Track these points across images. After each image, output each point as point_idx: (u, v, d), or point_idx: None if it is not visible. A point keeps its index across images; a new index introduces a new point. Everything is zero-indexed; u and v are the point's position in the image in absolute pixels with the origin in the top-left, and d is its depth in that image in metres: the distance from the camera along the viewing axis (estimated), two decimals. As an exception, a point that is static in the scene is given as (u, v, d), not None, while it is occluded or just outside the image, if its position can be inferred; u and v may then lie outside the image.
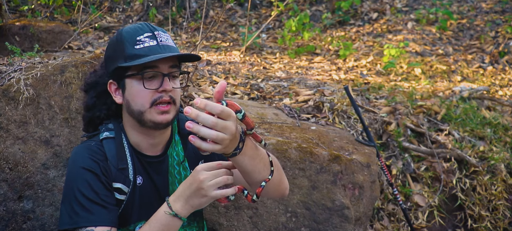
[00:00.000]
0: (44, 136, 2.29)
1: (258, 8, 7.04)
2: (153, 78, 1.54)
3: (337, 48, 5.40)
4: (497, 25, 6.06)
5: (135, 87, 1.55)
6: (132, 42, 1.53)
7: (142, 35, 1.54)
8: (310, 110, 3.21)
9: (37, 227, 2.26)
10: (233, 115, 1.22)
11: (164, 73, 1.53)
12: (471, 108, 3.77)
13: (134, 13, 6.34)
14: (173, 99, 1.56)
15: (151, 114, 1.54)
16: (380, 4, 6.94)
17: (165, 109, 1.54)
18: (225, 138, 1.21)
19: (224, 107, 1.20)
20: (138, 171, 1.64)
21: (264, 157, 1.48)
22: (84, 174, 1.52)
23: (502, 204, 3.20)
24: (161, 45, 1.53)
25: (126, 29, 1.57)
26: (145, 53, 1.51)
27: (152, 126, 1.57)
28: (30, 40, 3.63)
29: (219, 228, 2.38)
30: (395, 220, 3.09)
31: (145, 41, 1.53)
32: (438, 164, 3.26)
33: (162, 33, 1.57)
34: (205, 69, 3.96)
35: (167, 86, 1.53)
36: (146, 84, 1.53)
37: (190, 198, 1.45)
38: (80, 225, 1.48)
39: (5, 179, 2.22)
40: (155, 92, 1.53)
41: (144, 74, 1.52)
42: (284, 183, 1.67)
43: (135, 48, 1.52)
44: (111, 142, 1.62)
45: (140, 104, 1.55)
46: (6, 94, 2.26)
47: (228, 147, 1.27)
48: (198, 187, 1.42)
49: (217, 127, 1.20)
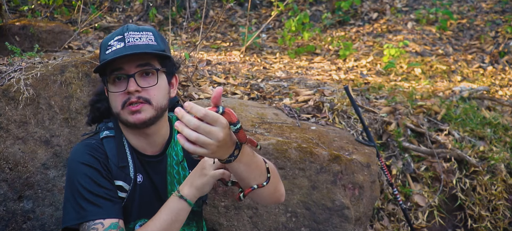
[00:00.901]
0: (44, 136, 2.29)
1: (258, 8, 7.04)
2: (122, 80, 1.55)
3: (337, 48, 5.40)
4: (497, 25, 6.06)
5: (109, 91, 1.60)
6: (105, 48, 1.57)
7: (113, 39, 1.56)
8: (310, 110, 3.21)
9: (37, 227, 2.26)
10: (222, 122, 1.18)
11: (128, 75, 1.54)
12: (471, 108, 3.77)
13: (134, 13, 6.34)
14: (144, 99, 1.55)
15: (125, 115, 1.56)
16: (380, 4, 6.94)
17: (135, 109, 1.54)
18: (209, 142, 1.17)
19: (208, 112, 1.16)
20: (139, 169, 1.64)
21: (261, 164, 1.47)
22: (85, 169, 1.53)
23: (502, 204, 3.20)
24: (127, 46, 1.53)
25: (107, 35, 1.62)
26: (110, 57, 1.52)
27: (130, 126, 1.59)
28: (30, 40, 3.63)
29: (219, 228, 2.38)
30: (395, 220, 3.09)
31: (113, 45, 1.55)
32: (438, 164, 3.25)
33: (136, 33, 1.56)
34: (205, 69, 3.96)
35: (131, 87, 1.53)
36: (112, 87, 1.56)
37: (194, 180, 1.51)
38: (88, 219, 1.48)
39: (5, 179, 2.22)
40: (124, 94, 1.55)
41: (108, 78, 1.56)
42: (279, 190, 1.66)
43: (105, 54, 1.55)
44: (111, 141, 1.63)
45: (115, 106, 1.58)
46: (6, 94, 2.26)
47: (217, 153, 1.23)
48: (200, 167, 1.51)
49: (199, 129, 1.16)
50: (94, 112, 1.74)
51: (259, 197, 1.59)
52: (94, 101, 1.75)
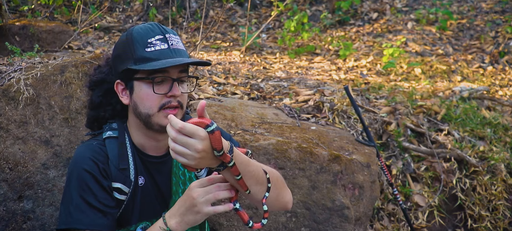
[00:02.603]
0: (44, 136, 2.29)
1: (258, 8, 7.04)
2: (162, 82, 1.53)
3: (337, 48, 5.40)
4: (497, 25, 6.06)
5: (143, 91, 1.54)
6: (143, 44, 1.52)
7: (154, 37, 1.52)
8: (310, 110, 3.21)
9: (37, 227, 2.26)
10: (200, 134, 1.23)
11: (173, 79, 1.53)
12: (471, 108, 3.77)
13: (134, 13, 6.34)
14: (180, 104, 1.56)
15: (159, 118, 1.54)
16: (380, 4, 6.94)
17: (173, 113, 1.53)
18: (187, 153, 1.24)
19: (185, 125, 1.22)
20: (140, 172, 1.64)
21: (257, 173, 1.47)
22: (83, 175, 1.52)
23: (502, 204, 3.20)
24: (172, 49, 1.53)
25: (137, 29, 1.56)
26: (156, 57, 1.50)
27: (159, 129, 1.56)
28: (30, 40, 3.63)
29: (219, 228, 2.38)
30: (395, 220, 3.09)
31: (156, 44, 1.52)
32: (438, 164, 3.25)
33: (173, 35, 1.56)
34: (205, 69, 3.96)
35: (176, 91, 1.53)
36: (156, 89, 1.52)
37: (185, 215, 1.44)
38: (72, 226, 1.48)
39: (5, 179, 2.22)
40: (164, 97, 1.53)
41: (154, 79, 1.52)
42: (284, 197, 1.65)
43: (146, 51, 1.51)
44: (113, 142, 1.62)
45: (148, 108, 1.54)
46: (6, 94, 2.26)
47: (200, 163, 1.28)
48: (191, 204, 1.42)
49: (177, 141, 1.24)
50: (98, 122, 1.70)
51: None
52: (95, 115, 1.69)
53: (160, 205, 1.67)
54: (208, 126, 1.25)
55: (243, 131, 2.60)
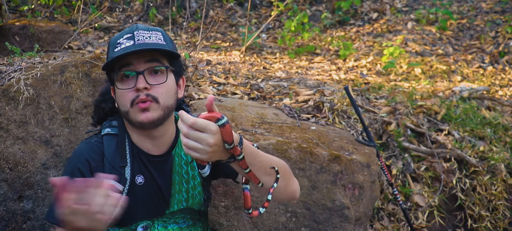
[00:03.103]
0: (44, 136, 2.29)
1: (258, 8, 7.04)
2: (131, 77, 1.54)
3: (337, 48, 5.40)
4: (497, 25, 6.06)
5: (117, 90, 1.58)
6: (114, 46, 1.56)
7: (122, 37, 1.55)
8: (310, 110, 3.21)
9: (37, 227, 2.26)
10: (211, 128, 1.24)
11: (137, 71, 1.53)
12: (471, 108, 3.77)
13: (134, 13, 6.34)
14: (153, 97, 1.54)
15: (134, 113, 1.55)
16: (380, 4, 6.94)
17: (144, 106, 1.52)
18: (199, 148, 1.25)
19: (197, 120, 1.23)
20: (139, 170, 1.63)
21: (266, 164, 1.49)
22: (73, 172, 1.54)
23: (502, 204, 3.19)
24: (137, 44, 1.52)
25: (115, 34, 1.61)
26: (118, 55, 1.52)
27: (138, 126, 1.58)
28: (30, 40, 3.63)
29: (219, 228, 2.38)
30: (395, 220, 3.09)
31: (123, 43, 1.54)
32: (438, 164, 3.25)
33: (145, 32, 1.55)
34: (205, 69, 3.96)
35: (139, 84, 1.52)
36: (120, 84, 1.55)
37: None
38: (50, 219, 1.51)
39: (5, 179, 2.22)
40: (133, 92, 1.53)
41: (116, 75, 1.55)
42: (292, 186, 1.67)
43: (114, 51, 1.54)
44: (111, 139, 1.63)
45: (123, 105, 1.57)
46: (6, 94, 2.26)
47: (213, 157, 1.29)
48: None
49: (189, 136, 1.25)
50: (99, 113, 1.74)
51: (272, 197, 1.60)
52: (98, 101, 1.75)
53: (161, 204, 1.67)
54: (219, 120, 1.26)
55: (243, 131, 2.60)
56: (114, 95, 1.65)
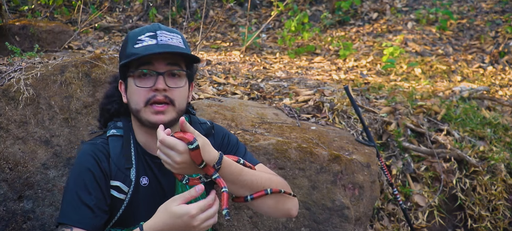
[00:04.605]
0: (44, 136, 2.29)
1: (258, 8, 7.04)
2: (149, 77, 1.53)
3: (337, 48, 5.40)
4: (497, 25, 6.06)
5: (131, 87, 1.55)
6: (133, 42, 1.53)
7: (144, 34, 1.53)
8: (310, 110, 3.21)
9: (37, 227, 2.26)
10: (178, 149, 1.34)
11: (158, 72, 1.52)
12: (471, 108, 3.77)
13: (134, 13, 6.34)
14: (169, 100, 1.53)
15: (146, 113, 1.53)
16: (380, 4, 6.94)
17: (159, 109, 1.52)
18: (168, 162, 1.38)
19: (164, 138, 1.35)
20: (144, 172, 1.63)
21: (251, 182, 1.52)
22: (82, 173, 1.53)
23: (502, 204, 3.20)
24: (160, 44, 1.51)
25: (134, 29, 1.59)
26: (140, 52, 1.50)
27: (149, 126, 1.56)
28: (30, 40, 3.63)
29: (219, 228, 2.38)
30: (395, 220, 3.09)
31: (144, 40, 1.52)
32: (438, 164, 3.25)
33: (167, 33, 1.55)
34: (205, 69, 3.96)
35: (159, 85, 1.51)
36: (138, 82, 1.52)
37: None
38: (60, 221, 1.49)
39: (5, 179, 2.22)
40: (149, 91, 1.52)
41: (135, 72, 1.52)
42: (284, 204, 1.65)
43: (134, 47, 1.52)
44: (117, 140, 1.62)
45: (135, 103, 1.54)
46: (6, 94, 2.26)
47: (183, 171, 1.41)
48: (187, 228, 1.39)
49: (160, 149, 1.38)
50: (104, 115, 1.73)
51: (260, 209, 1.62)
52: (104, 104, 1.73)
53: None
54: (190, 143, 1.34)
55: (243, 131, 2.60)
56: (122, 91, 1.63)
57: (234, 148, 1.76)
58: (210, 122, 1.80)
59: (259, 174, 1.58)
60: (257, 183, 1.53)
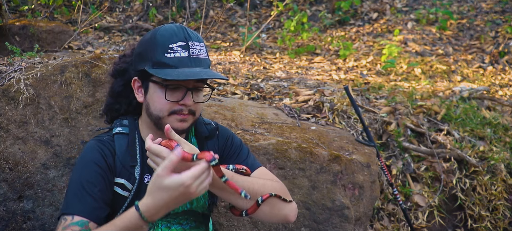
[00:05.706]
0: (44, 136, 2.29)
1: (258, 8, 7.04)
2: (176, 89, 1.54)
3: (337, 48, 5.40)
4: (497, 25, 6.06)
5: (157, 94, 1.55)
6: (164, 49, 1.51)
7: (176, 43, 1.51)
8: (310, 110, 3.21)
9: (37, 227, 2.26)
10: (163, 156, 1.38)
11: (188, 88, 1.54)
12: (471, 108, 3.77)
13: (134, 13, 6.34)
14: (192, 112, 1.57)
15: (169, 120, 1.56)
16: (380, 4, 6.94)
17: (184, 117, 1.56)
18: (155, 167, 1.42)
19: (150, 146, 1.42)
20: (148, 170, 1.64)
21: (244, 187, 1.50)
22: (89, 166, 1.54)
23: (502, 204, 3.20)
24: (192, 58, 1.51)
25: (162, 31, 1.55)
26: (174, 64, 1.50)
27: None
28: (30, 40, 3.63)
29: (219, 228, 2.38)
30: (395, 220, 3.09)
31: (177, 50, 1.51)
32: (438, 164, 3.25)
33: (197, 43, 1.55)
34: (205, 69, 3.96)
35: (188, 101, 1.54)
36: (168, 95, 1.54)
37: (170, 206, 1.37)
38: (64, 211, 1.48)
39: (5, 179, 2.22)
40: (175, 104, 1.54)
41: (168, 86, 1.53)
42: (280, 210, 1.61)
43: (165, 56, 1.51)
44: (123, 138, 1.63)
45: (158, 110, 1.56)
46: (6, 94, 2.26)
47: None
48: (185, 197, 1.35)
49: (149, 156, 1.45)
50: (111, 113, 1.73)
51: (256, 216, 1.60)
52: (111, 103, 1.72)
53: None
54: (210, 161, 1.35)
55: (243, 131, 2.60)
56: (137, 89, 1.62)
57: (237, 150, 1.77)
58: (214, 122, 1.81)
59: (251, 180, 1.57)
60: (248, 189, 1.51)
